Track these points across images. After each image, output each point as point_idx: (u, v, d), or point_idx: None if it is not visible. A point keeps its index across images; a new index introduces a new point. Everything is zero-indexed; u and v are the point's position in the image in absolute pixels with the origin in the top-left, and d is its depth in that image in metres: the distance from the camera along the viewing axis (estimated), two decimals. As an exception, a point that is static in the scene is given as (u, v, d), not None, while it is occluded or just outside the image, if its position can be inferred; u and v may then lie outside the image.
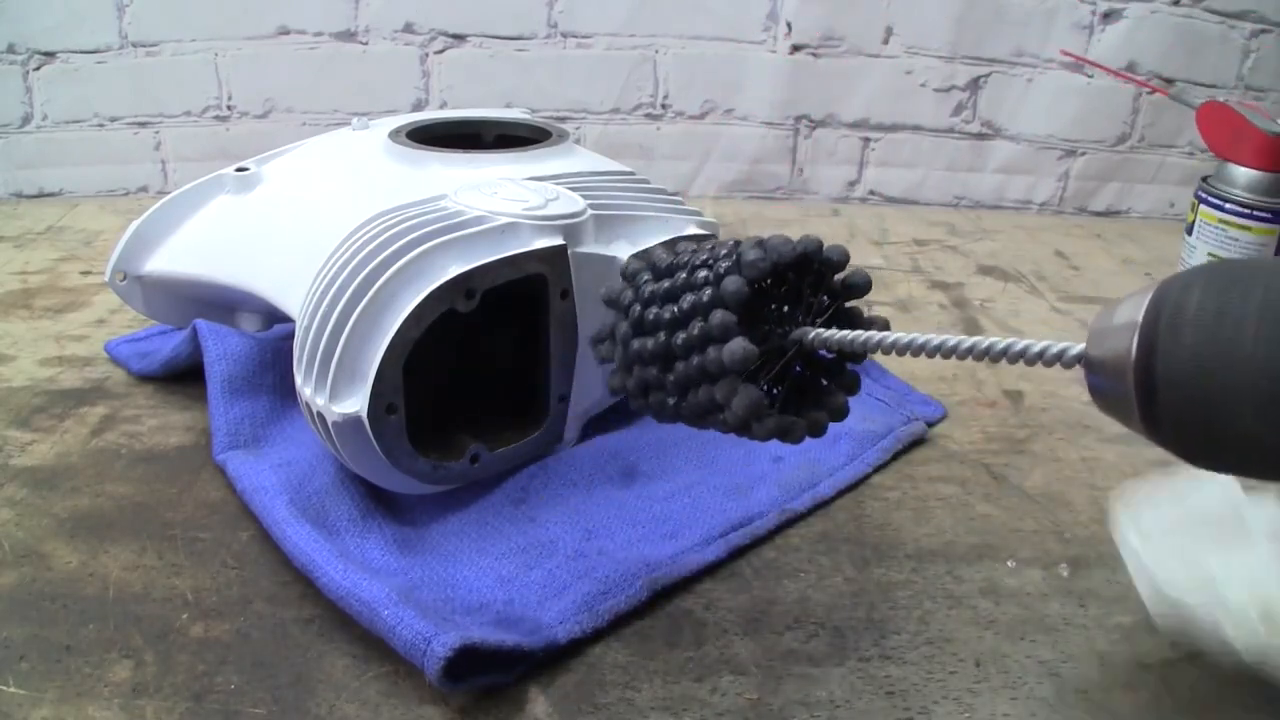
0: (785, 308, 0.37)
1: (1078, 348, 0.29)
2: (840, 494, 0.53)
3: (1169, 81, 0.98)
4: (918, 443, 0.58)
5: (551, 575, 0.45)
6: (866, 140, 1.09)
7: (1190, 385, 0.25)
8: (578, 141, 0.65)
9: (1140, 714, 0.39)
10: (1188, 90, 0.89)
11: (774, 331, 0.36)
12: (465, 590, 0.44)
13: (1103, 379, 0.27)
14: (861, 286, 0.37)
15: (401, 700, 0.38)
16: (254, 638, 0.42)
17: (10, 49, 1.00)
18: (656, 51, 1.05)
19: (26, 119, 1.03)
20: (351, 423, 0.44)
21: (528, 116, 0.72)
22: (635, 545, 0.47)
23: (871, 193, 1.12)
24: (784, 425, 0.35)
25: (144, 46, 1.02)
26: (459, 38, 1.03)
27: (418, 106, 1.06)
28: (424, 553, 0.46)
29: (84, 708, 0.37)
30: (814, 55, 1.05)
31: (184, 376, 0.61)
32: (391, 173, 0.58)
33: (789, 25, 1.03)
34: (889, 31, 1.04)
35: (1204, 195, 0.82)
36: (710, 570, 0.46)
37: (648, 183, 0.60)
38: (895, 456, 0.56)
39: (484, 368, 0.53)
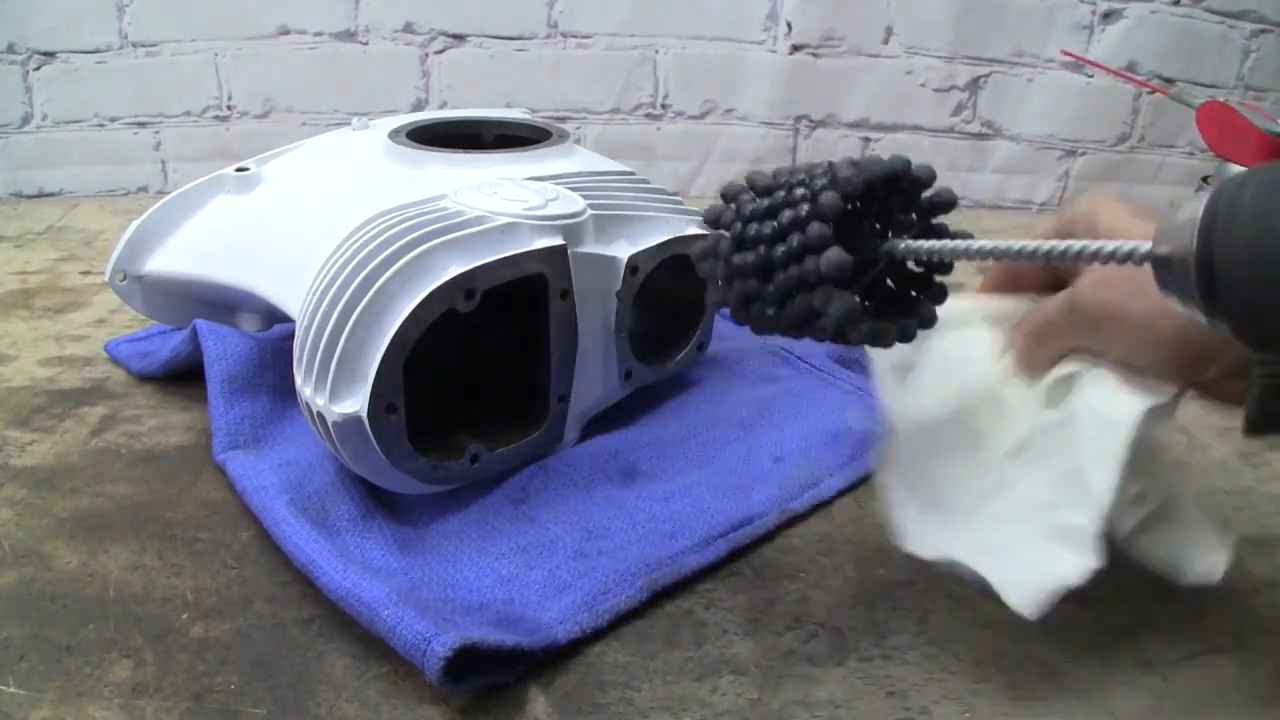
0: (877, 224, 0.39)
1: (1146, 245, 0.30)
2: (840, 494, 0.53)
3: (1169, 81, 0.98)
4: (918, 443, 0.58)
5: (551, 575, 0.45)
6: (866, 140, 1.09)
7: (1244, 275, 0.27)
8: (578, 141, 0.65)
9: (1140, 714, 0.39)
10: (1188, 90, 0.89)
11: (867, 244, 0.38)
12: (465, 590, 0.44)
13: (1169, 274, 0.30)
14: (948, 203, 0.39)
15: (401, 700, 0.38)
16: (254, 638, 0.42)
17: (10, 49, 1.00)
18: (656, 51, 1.05)
19: (26, 119, 1.03)
20: (351, 423, 0.44)
21: (528, 116, 0.72)
22: (635, 545, 0.47)
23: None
24: (876, 330, 0.38)
25: (144, 46, 1.02)
26: (459, 38, 1.03)
27: (418, 106, 1.06)
28: (424, 553, 0.46)
29: (84, 708, 0.37)
30: (814, 55, 1.05)
31: (184, 376, 0.61)
32: (391, 173, 0.58)
33: (789, 25, 1.03)
34: (889, 31, 1.04)
35: (1204, 195, 0.81)
36: (710, 570, 0.46)
37: (648, 183, 0.60)
38: (895, 456, 0.56)
39: (484, 368, 0.53)
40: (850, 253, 0.36)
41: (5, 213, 0.98)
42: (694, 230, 0.56)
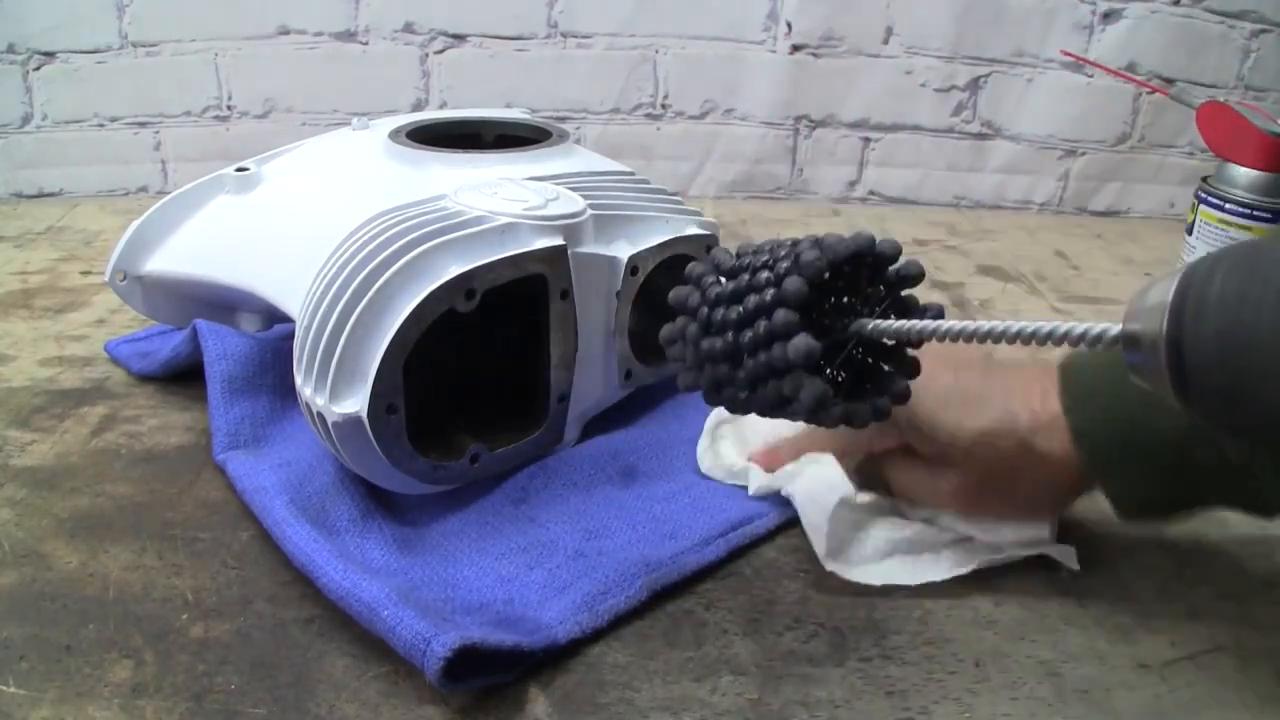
0: (845, 299, 0.39)
1: (1115, 329, 0.30)
2: (840, 494, 0.53)
3: (1169, 81, 0.98)
4: (918, 443, 0.58)
5: (552, 575, 0.45)
6: (866, 140, 1.09)
7: (1216, 365, 0.27)
8: (578, 141, 0.65)
9: (1140, 714, 0.39)
10: (1188, 90, 0.89)
11: (835, 324, 0.38)
12: (465, 590, 0.44)
13: (1140, 357, 0.29)
14: (915, 277, 0.39)
15: (401, 700, 0.38)
16: (254, 638, 0.42)
17: (10, 49, 1.00)
18: (656, 51, 1.05)
19: (26, 119, 1.03)
20: (351, 423, 0.44)
21: (528, 116, 0.72)
22: (635, 545, 0.47)
23: (871, 193, 1.12)
24: (850, 411, 0.38)
25: (144, 46, 1.02)
26: (459, 38, 1.03)
27: (418, 106, 1.06)
28: (424, 553, 0.46)
29: (84, 708, 0.37)
30: (814, 55, 1.05)
31: (184, 376, 0.61)
32: (391, 173, 0.58)
33: (789, 25, 1.03)
34: (889, 31, 1.04)
35: (1204, 195, 0.82)
36: (710, 570, 0.46)
37: (648, 183, 0.60)
38: (895, 456, 0.56)
39: (484, 368, 0.53)
40: (819, 333, 0.36)
41: (5, 213, 0.98)
42: (694, 230, 0.56)
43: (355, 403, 0.44)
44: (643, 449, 0.54)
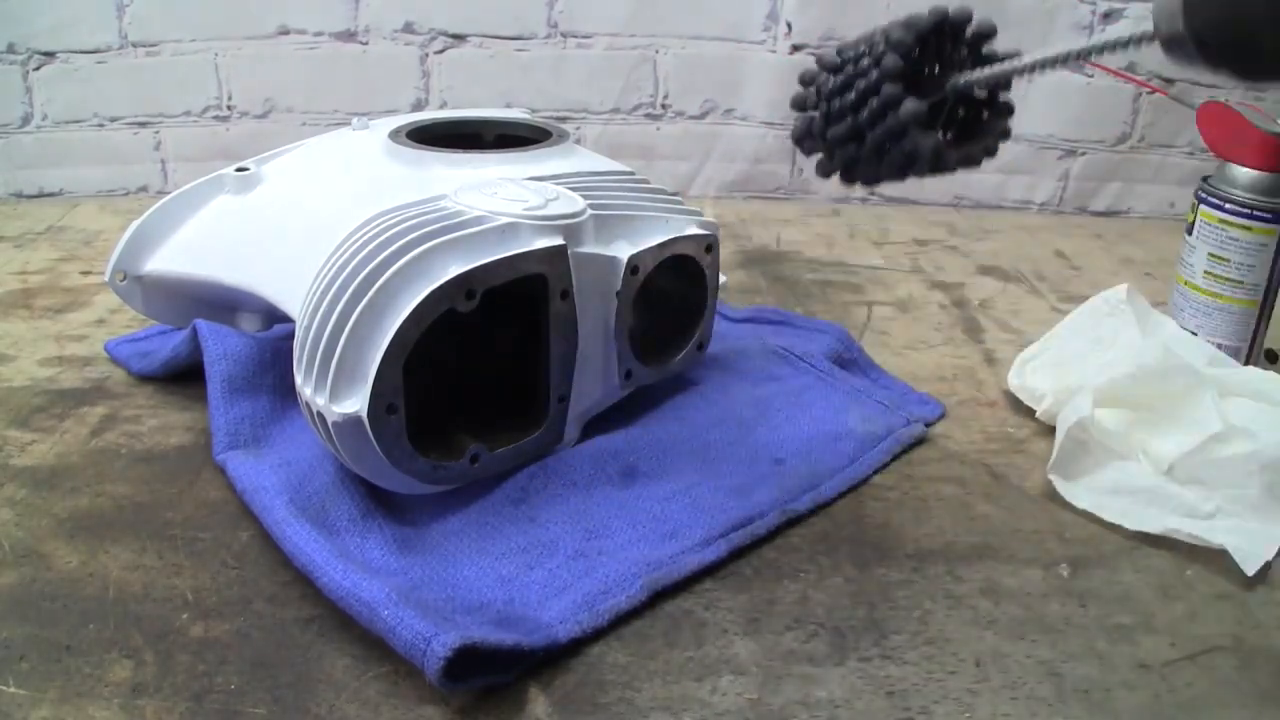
0: (937, 67, 0.47)
1: (1145, 27, 0.40)
2: (841, 494, 0.53)
3: (1169, 81, 0.98)
4: (918, 442, 0.58)
5: (552, 575, 0.45)
6: (866, 140, 1.09)
7: (1225, 23, 0.37)
8: (578, 141, 0.65)
9: (1140, 714, 0.39)
10: (1188, 90, 0.89)
11: (934, 87, 0.47)
12: (465, 590, 0.44)
13: (1169, 39, 0.39)
14: (988, 32, 0.47)
15: (401, 700, 0.38)
16: (254, 638, 0.42)
17: (10, 49, 1.00)
18: (656, 51, 1.05)
19: (26, 119, 1.03)
20: (351, 423, 0.44)
21: (528, 116, 0.72)
22: (635, 545, 0.47)
23: (872, 193, 1.12)
24: (966, 154, 0.46)
25: (144, 46, 1.02)
26: (459, 38, 1.03)
27: (418, 106, 1.06)
28: (424, 553, 0.46)
29: (84, 708, 0.37)
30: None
31: (184, 376, 0.61)
32: (391, 173, 0.58)
33: (789, 25, 1.03)
34: (889, 31, 1.04)
35: (1204, 195, 0.81)
36: (710, 570, 0.46)
37: (648, 183, 0.60)
38: (895, 457, 0.56)
39: (484, 368, 0.53)
40: (921, 97, 0.44)
41: (5, 213, 0.98)
42: (694, 230, 0.56)
43: (355, 403, 0.44)
44: (643, 449, 0.54)
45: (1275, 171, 0.77)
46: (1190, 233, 0.83)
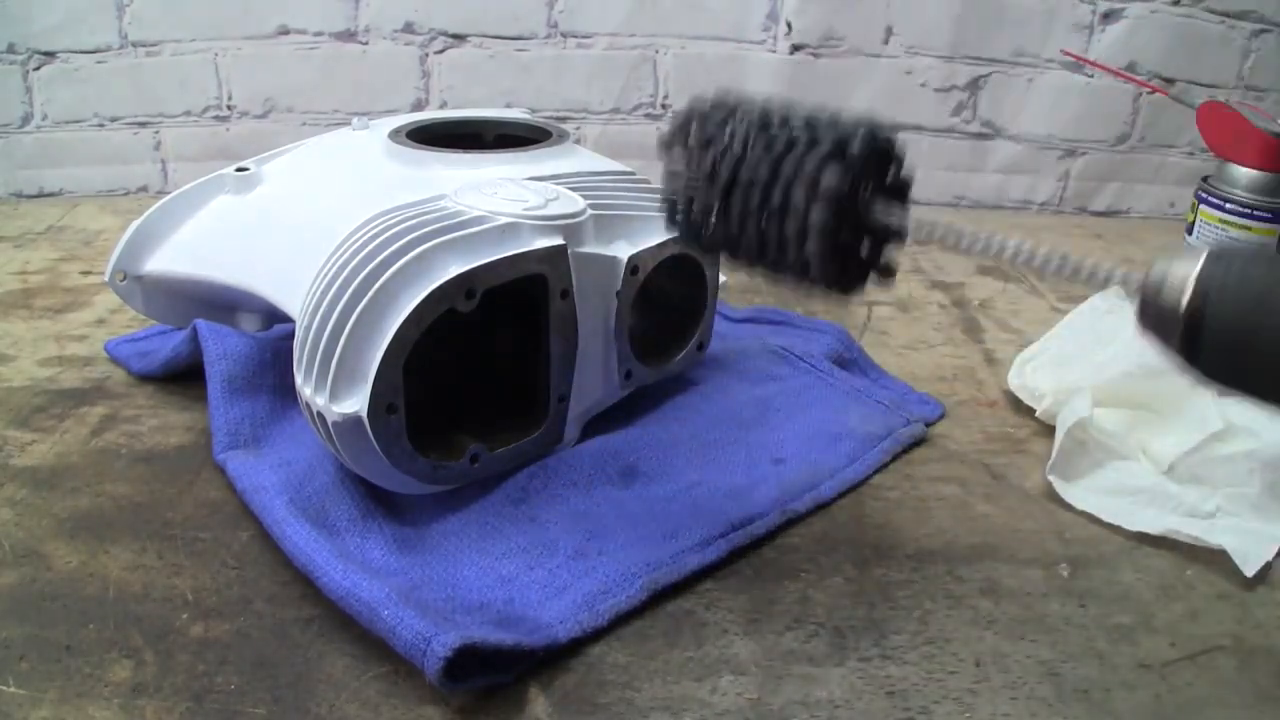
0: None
1: (1136, 276, 0.35)
2: (841, 494, 0.53)
3: (1169, 81, 0.98)
4: (918, 442, 0.58)
5: (552, 575, 0.45)
6: (866, 140, 1.09)
7: (1230, 349, 0.31)
8: (578, 141, 0.65)
9: (1140, 714, 0.39)
10: (1188, 90, 0.89)
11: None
12: (465, 590, 0.44)
13: (1154, 324, 0.34)
14: (907, 174, 0.42)
15: (401, 700, 0.38)
16: (254, 638, 0.42)
17: (10, 49, 1.00)
18: (656, 51, 1.05)
19: (26, 119, 1.03)
20: (351, 423, 0.44)
21: (528, 116, 0.72)
22: (635, 545, 0.47)
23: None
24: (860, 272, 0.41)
25: (144, 46, 1.02)
26: (459, 38, 1.03)
27: (418, 106, 1.06)
28: (424, 553, 0.46)
29: (84, 708, 0.37)
30: (814, 55, 1.05)
31: (184, 376, 0.61)
32: (391, 173, 0.58)
33: (789, 25, 1.03)
34: (889, 31, 1.04)
35: (1204, 195, 0.82)
36: (710, 570, 0.46)
37: (648, 183, 0.60)
38: (895, 458, 0.56)
39: (484, 368, 0.53)
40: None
41: (5, 213, 0.98)
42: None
43: (355, 403, 0.44)
44: (643, 449, 0.54)
45: (1275, 171, 0.77)
46: (1190, 232, 0.84)
